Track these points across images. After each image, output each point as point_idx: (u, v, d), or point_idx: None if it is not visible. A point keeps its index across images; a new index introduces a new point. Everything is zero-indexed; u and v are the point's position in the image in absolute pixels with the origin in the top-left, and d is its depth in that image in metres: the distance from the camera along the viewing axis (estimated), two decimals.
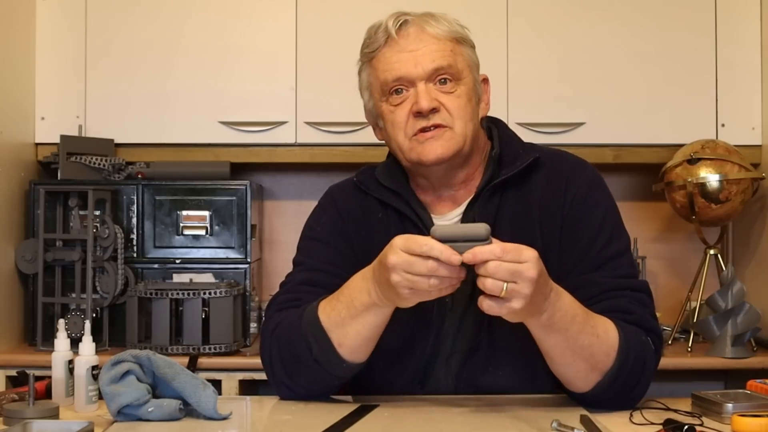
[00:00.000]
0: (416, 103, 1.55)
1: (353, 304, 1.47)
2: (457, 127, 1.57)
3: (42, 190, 2.59)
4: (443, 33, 1.58)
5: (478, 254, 1.30)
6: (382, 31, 1.59)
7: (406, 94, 1.58)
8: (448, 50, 1.58)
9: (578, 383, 1.48)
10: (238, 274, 2.66)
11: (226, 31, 2.77)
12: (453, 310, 1.60)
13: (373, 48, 1.60)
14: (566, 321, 1.41)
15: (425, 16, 1.60)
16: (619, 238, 1.59)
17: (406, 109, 1.57)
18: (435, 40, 1.57)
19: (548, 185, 1.62)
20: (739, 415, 1.34)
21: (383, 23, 1.59)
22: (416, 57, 1.56)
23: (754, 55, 2.76)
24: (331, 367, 1.51)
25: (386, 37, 1.58)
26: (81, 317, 2.54)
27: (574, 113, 2.76)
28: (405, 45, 1.57)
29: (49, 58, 2.77)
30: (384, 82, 1.59)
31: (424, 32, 1.58)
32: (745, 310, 2.50)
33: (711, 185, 2.56)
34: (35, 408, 1.41)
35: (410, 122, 1.57)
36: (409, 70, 1.56)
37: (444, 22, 1.60)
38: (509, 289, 1.30)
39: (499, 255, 1.30)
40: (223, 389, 2.43)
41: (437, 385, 1.61)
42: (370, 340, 1.50)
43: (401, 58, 1.57)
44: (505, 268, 1.30)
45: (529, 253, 1.32)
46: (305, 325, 1.51)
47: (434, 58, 1.56)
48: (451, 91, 1.57)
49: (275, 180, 3.06)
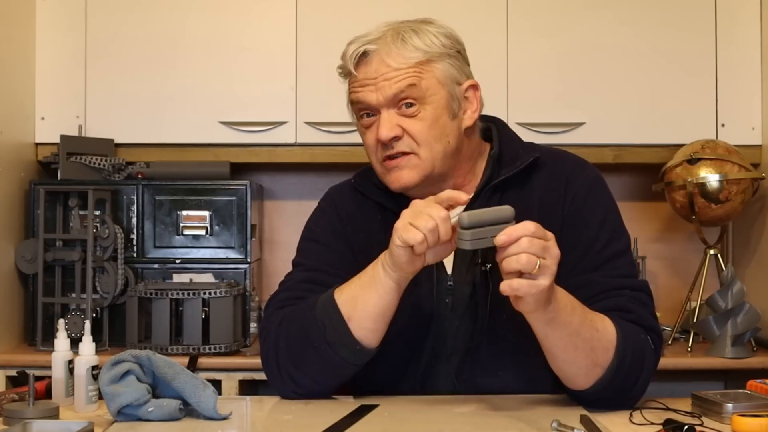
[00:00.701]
0: (378, 132, 1.56)
1: (364, 274, 1.50)
2: (422, 152, 1.56)
3: (42, 190, 2.59)
4: (406, 58, 1.55)
5: (513, 233, 1.33)
6: (347, 60, 1.58)
7: (374, 119, 1.58)
8: (411, 73, 1.55)
9: (579, 380, 1.48)
10: (238, 274, 2.66)
11: (226, 31, 2.77)
12: (453, 310, 1.60)
13: (344, 71, 1.61)
14: (567, 314, 1.41)
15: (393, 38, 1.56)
16: (620, 238, 1.60)
17: (374, 134, 1.58)
18: (395, 67, 1.55)
19: (548, 185, 1.62)
20: (739, 415, 1.34)
21: (347, 52, 1.58)
22: (377, 85, 1.55)
23: (754, 55, 2.76)
24: (344, 350, 1.50)
25: (348, 70, 1.59)
26: (81, 317, 2.54)
27: (574, 113, 2.76)
28: (365, 73, 1.56)
29: (49, 58, 2.77)
30: (352, 103, 1.61)
31: (383, 62, 1.55)
32: (745, 310, 2.50)
33: (711, 185, 2.56)
34: (35, 408, 1.41)
35: (378, 147, 1.58)
36: (369, 99, 1.56)
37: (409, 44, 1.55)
38: (541, 265, 1.33)
39: (533, 231, 1.33)
40: (223, 389, 2.43)
41: (437, 385, 1.61)
42: (378, 317, 1.49)
43: (363, 89, 1.57)
44: (537, 243, 1.33)
45: (550, 233, 1.37)
46: (320, 308, 1.51)
47: (393, 83, 1.54)
48: (414, 114, 1.56)
49: (275, 180, 3.06)
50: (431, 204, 1.41)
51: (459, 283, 1.58)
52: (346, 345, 1.50)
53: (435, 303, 1.59)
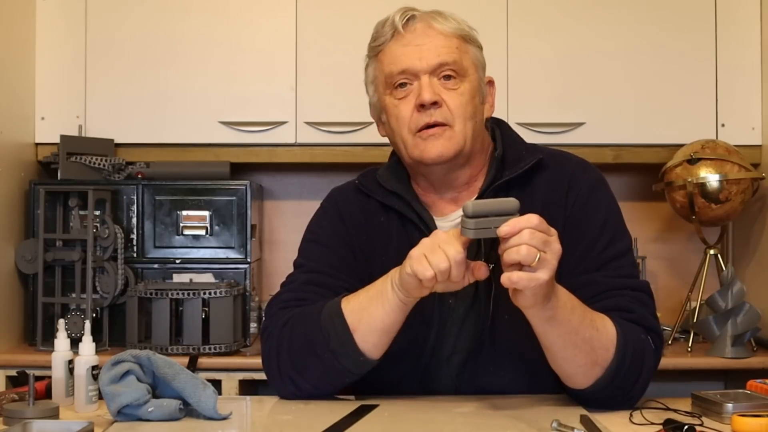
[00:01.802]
0: (419, 96, 1.56)
1: (373, 287, 1.50)
2: (456, 126, 1.57)
3: (42, 190, 2.59)
4: (450, 30, 1.60)
5: (516, 225, 1.33)
6: (389, 25, 1.60)
7: (410, 88, 1.59)
8: (453, 47, 1.59)
9: (578, 379, 1.48)
10: (238, 274, 2.66)
11: (226, 31, 2.77)
12: (455, 310, 1.60)
13: (380, 42, 1.62)
14: (566, 312, 1.41)
15: (433, 13, 1.62)
16: (621, 239, 1.60)
17: (410, 104, 1.58)
18: (441, 36, 1.59)
19: (551, 186, 1.62)
20: (739, 415, 1.34)
21: (390, 18, 1.60)
22: (421, 51, 1.57)
23: (754, 55, 2.76)
24: (346, 360, 1.50)
25: (393, 31, 1.60)
26: (81, 317, 2.54)
27: (574, 113, 2.76)
28: (411, 39, 1.59)
29: (49, 58, 2.77)
30: (389, 75, 1.60)
31: (431, 27, 1.59)
32: (745, 310, 2.50)
33: (711, 185, 2.56)
34: (35, 408, 1.41)
35: (414, 117, 1.58)
36: (413, 63, 1.57)
37: (452, 20, 1.62)
38: (540, 259, 1.32)
39: (535, 224, 1.33)
40: (223, 389, 2.43)
41: (438, 385, 1.61)
42: (382, 332, 1.49)
43: (406, 52, 1.58)
44: (539, 236, 1.33)
45: (553, 229, 1.36)
46: (326, 316, 1.51)
47: (439, 53, 1.57)
48: (454, 87, 1.58)
49: (275, 180, 3.06)
50: (451, 241, 1.38)
51: None
52: (348, 354, 1.50)
53: (438, 303, 1.59)
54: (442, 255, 1.37)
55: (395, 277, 1.47)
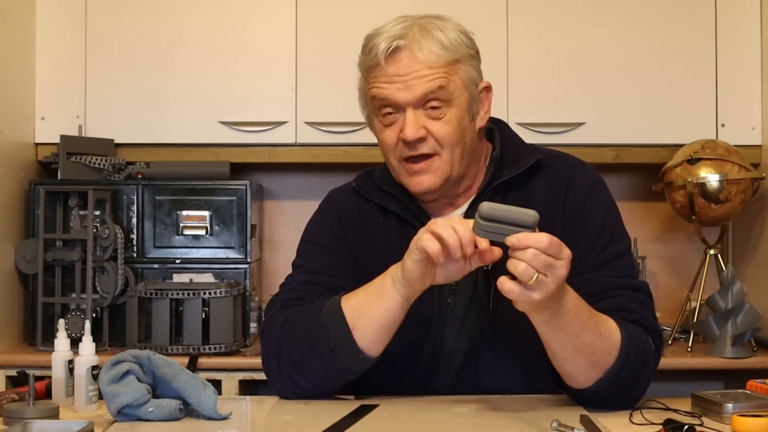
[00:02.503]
0: (403, 131, 1.54)
1: (373, 284, 1.50)
2: (444, 155, 1.56)
3: (42, 190, 2.59)
4: (436, 57, 1.53)
5: (524, 240, 1.31)
6: (374, 52, 1.54)
7: (395, 117, 1.56)
8: (441, 74, 1.53)
9: (579, 378, 1.48)
10: (238, 274, 2.66)
11: (226, 31, 2.77)
12: (455, 310, 1.60)
13: (367, 65, 1.57)
14: (569, 318, 1.41)
15: (422, 34, 1.54)
16: (620, 240, 1.60)
17: (395, 132, 1.56)
18: (425, 66, 1.53)
19: (549, 187, 1.62)
20: (739, 415, 1.34)
21: (376, 45, 1.54)
22: (406, 82, 1.53)
23: (754, 55, 2.76)
24: (346, 358, 1.50)
25: (376, 60, 1.54)
26: (81, 317, 2.54)
27: (574, 113, 2.76)
28: (395, 69, 1.53)
29: (49, 58, 2.77)
30: (373, 99, 1.57)
31: (416, 59, 1.53)
32: (745, 310, 2.50)
33: (711, 185, 2.56)
34: (35, 408, 1.41)
35: (399, 146, 1.56)
36: (397, 96, 1.54)
37: (442, 39, 1.54)
38: (538, 280, 1.31)
39: (544, 247, 1.30)
40: (223, 389, 2.43)
41: (438, 384, 1.61)
42: (382, 329, 1.49)
43: (390, 81, 1.54)
44: (543, 259, 1.30)
45: (567, 252, 1.33)
46: (326, 314, 1.51)
47: (424, 83, 1.53)
48: (440, 117, 1.55)
49: (275, 180, 3.06)
50: (463, 222, 1.38)
51: (461, 283, 1.58)
52: (348, 352, 1.50)
53: (437, 303, 1.59)
54: (451, 231, 1.37)
55: (395, 273, 1.47)
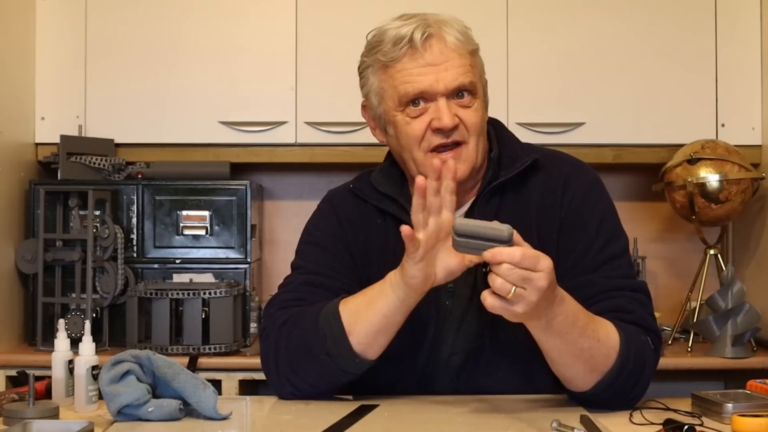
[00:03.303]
0: (438, 119, 1.53)
1: (372, 289, 1.50)
2: (471, 143, 1.56)
3: (42, 190, 2.58)
4: (462, 47, 1.55)
5: (497, 255, 1.31)
6: (405, 41, 1.53)
7: (425, 107, 1.55)
8: (468, 65, 1.55)
9: (577, 382, 1.48)
10: (238, 274, 2.66)
11: (226, 31, 2.77)
12: (453, 311, 1.60)
13: (391, 57, 1.55)
14: (567, 325, 1.40)
15: (441, 24, 1.55)
16: (617, 240, 1.59)
17: (424, 122, 1.55)
18: (457, 56, 1.54)
19: (546, 187, 1.62)
20: (739, 415, 1.34)
21: (406, 33, 1.53)
22: (438, 72, 1.53)
23: (754, 55, 2.76)
24: (342, 361, 1.50)
25: (408, 48, 1.53)
26: (81, 317, 2.53)
27: (574, 113, 2.76)
28: (429, 59, 1.53)
29: (49, 58, 2.77)
30: (404, 95, 1.55)
31: (447, 46, 1.54)
32: (745, 310, 2.50)
33: (711, 185, 2.56)
34: (35, 408, 1.41)
35: (427, 136, 1.55)
36: (432, 85, 1.53)
37: (458, 32, 1.56)
38: (516, 293, 1.31)
39: (517, 261, 1.30)
40: (223, 389, 2.43)
41: (437, 385, 1.61)
42: (379, 333, 1.49)
43: (423, 72, 1.53)
44: (517, 273, 1.30)
45: (545, 263, 1.32)
46: (323, 317, 1.51)
47: (457, 75, 1.53)
48: (469, 105, 1.56)
49: (275, 180, 3.06)
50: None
51: (459, 285, 1.58)
52: (344, 356, 1.50)
53: (435, 305, 1.59)
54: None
55: (394, 279, 1.47)
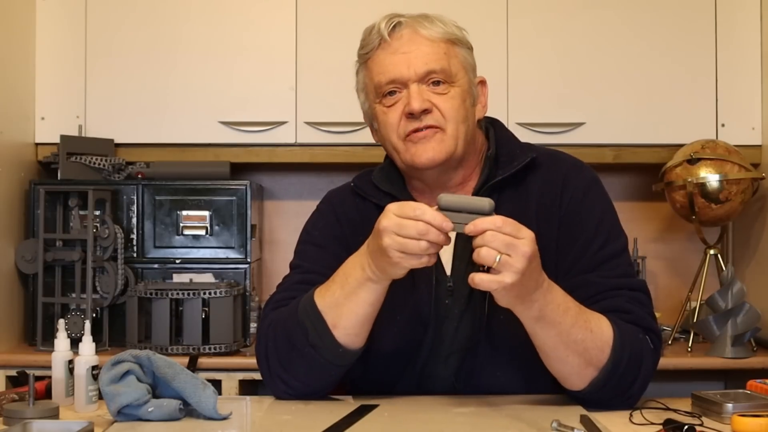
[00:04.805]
0: (408, 104, 1.56)
1: (347, 281, 1.48)
2: (449, 129, 1.57)
3: (42, 190, 2.59)
4: (437, 35, 1.59)
5: (479, 224, 1.33)
6: (375, 33, 1.59)
7: (399, 96, 1.58)
8: (441, 52, 1.58)
9: (573, 379, 1.48)
10: (238, 274, 2.66)
11: (226, 31, 2.77)
12: (452, 311, 1.60)
13: (367, 50, 1.61)
14: (558, 314, 1.41)
15: (420, 18, 1.60)
16: (616, 239, 1.60)
17: (398, 111, 1.58)
18: (428, 42, 1.58)
19: (545, 186, 1.62)
20: (739, 415, 1.35)
21: (376, 25, 1.60)
22: (409, 59, 1.56)
23: (754, 55, 2.76)
24: (327, 353, 1.50)
25: (379, 39, 1.59)
26: (81, 317, 2.54)
27: (574, 113, 2.76)
28: (398, 47, 1.58)
29: (49, 58, 2.77)
30: (378, 84, 1.59)
31: (417, 34, 1.58)
32: (745, 310, 2.50)
33: (711, 185, 2.56)
34: (35, 408, 1.41)
35: (402, 123, 1.57)
36: (401, 72, 1.57)
37: (439, 24, 1.60)
38: (502, 261, 1.32)
39: (498, 226, 1.32)
40: (223, 389, 2.43)
41: (436, 385, 1.61)
42: (365, 322, 1.49)
43: (394, 60, 1.57)
44: (500, 238, 1.32)
45: (527, 232, 1.35)
46: (302, 311, 1.51)
47: (427, 60, 1.56)
48: (444, 92, 1.58)
49: (275, 180, 3.06)
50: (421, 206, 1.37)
51: (458, 284, 1.58)
52: (328, 347, 1.50)
53: (434, 304, 1.59)
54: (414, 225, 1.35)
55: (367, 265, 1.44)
